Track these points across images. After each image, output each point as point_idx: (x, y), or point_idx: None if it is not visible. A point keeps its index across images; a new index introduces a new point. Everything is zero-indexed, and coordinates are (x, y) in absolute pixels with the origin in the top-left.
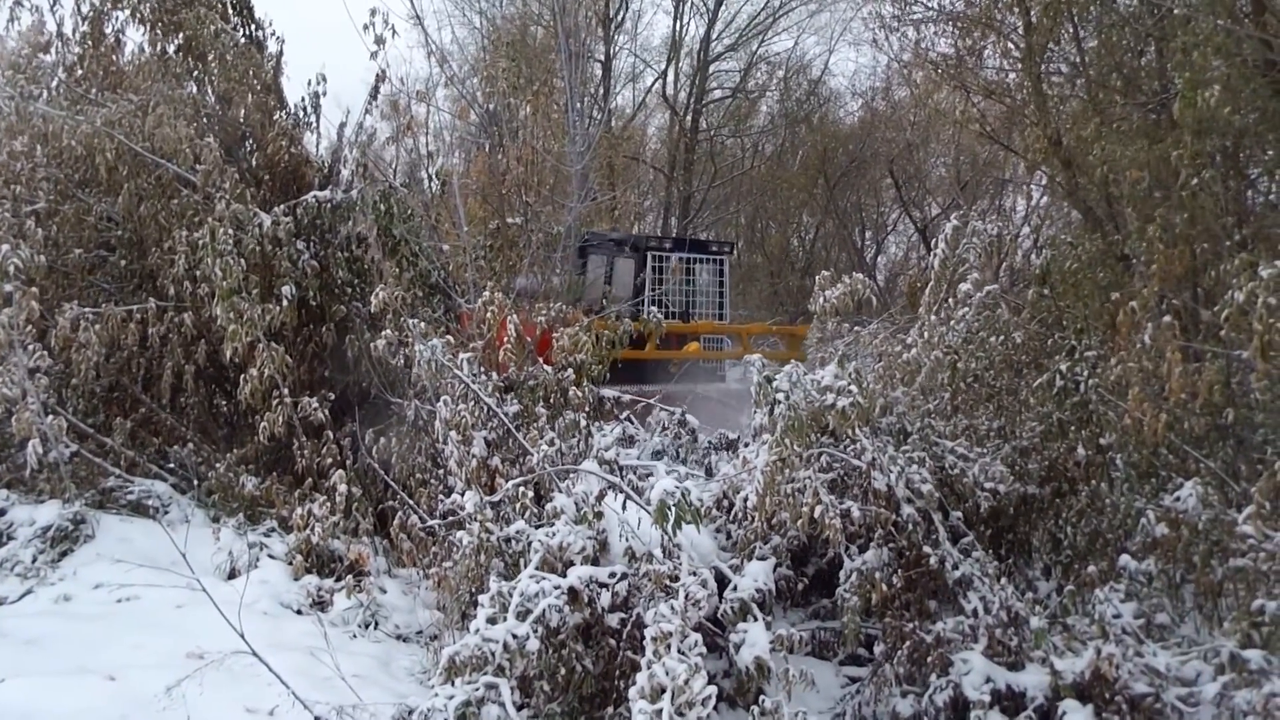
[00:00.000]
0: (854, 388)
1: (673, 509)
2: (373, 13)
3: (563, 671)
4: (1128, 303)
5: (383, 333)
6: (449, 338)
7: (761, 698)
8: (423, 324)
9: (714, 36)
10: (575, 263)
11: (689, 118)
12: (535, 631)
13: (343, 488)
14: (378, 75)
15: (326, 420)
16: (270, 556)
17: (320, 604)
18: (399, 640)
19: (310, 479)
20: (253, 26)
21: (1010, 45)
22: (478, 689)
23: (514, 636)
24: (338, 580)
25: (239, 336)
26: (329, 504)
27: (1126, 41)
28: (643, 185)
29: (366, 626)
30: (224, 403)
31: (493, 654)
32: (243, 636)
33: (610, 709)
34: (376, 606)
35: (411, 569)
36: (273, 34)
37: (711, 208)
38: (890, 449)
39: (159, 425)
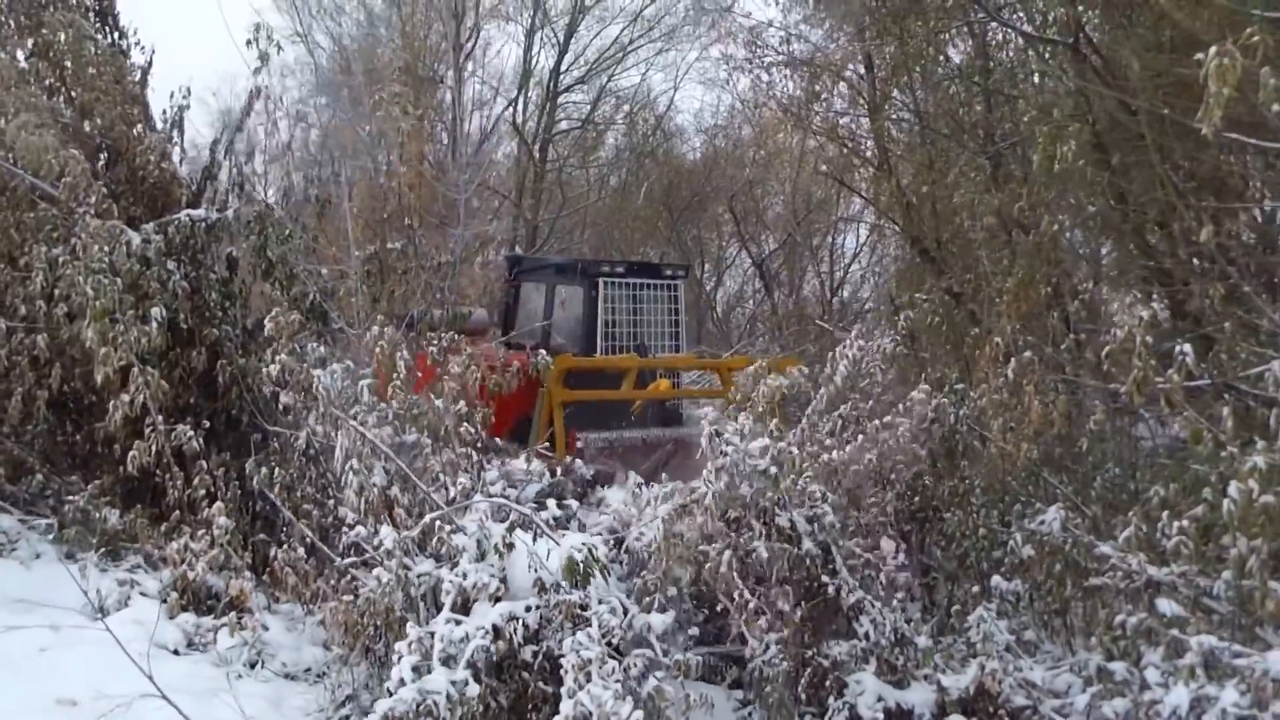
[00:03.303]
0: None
1: (581, 564)
2: (257, 28)
3: (480, 710)
4: (989, 340)
5: (276, 357)
6: (348, 363)
7: None
8: (321, 349)
9: (564, 69)
10: (504, 291)
11: (538, 147)
12: (473, 676)
13: (222, 520)
14: (252, 93)
15: (201, 449)
16: (142, 594)
17: (198, 644)
18: (287, 679)
19: (180, 512)
20: (116, 34)
21: (857, 93)
22: None
23: (452, 684)
24: (217, 618)
25: (110, 360)
26: (208, 537)
27: (959, 95)
28: (489, 213)
29: (252, 666)
30: (77, 433)
31: (436, 705)
32: (151, 679)
33: None
34: (262, 644)
35: (294, 604)
36: (137, 43)
37: (558, 237)
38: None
39: (5, 455)
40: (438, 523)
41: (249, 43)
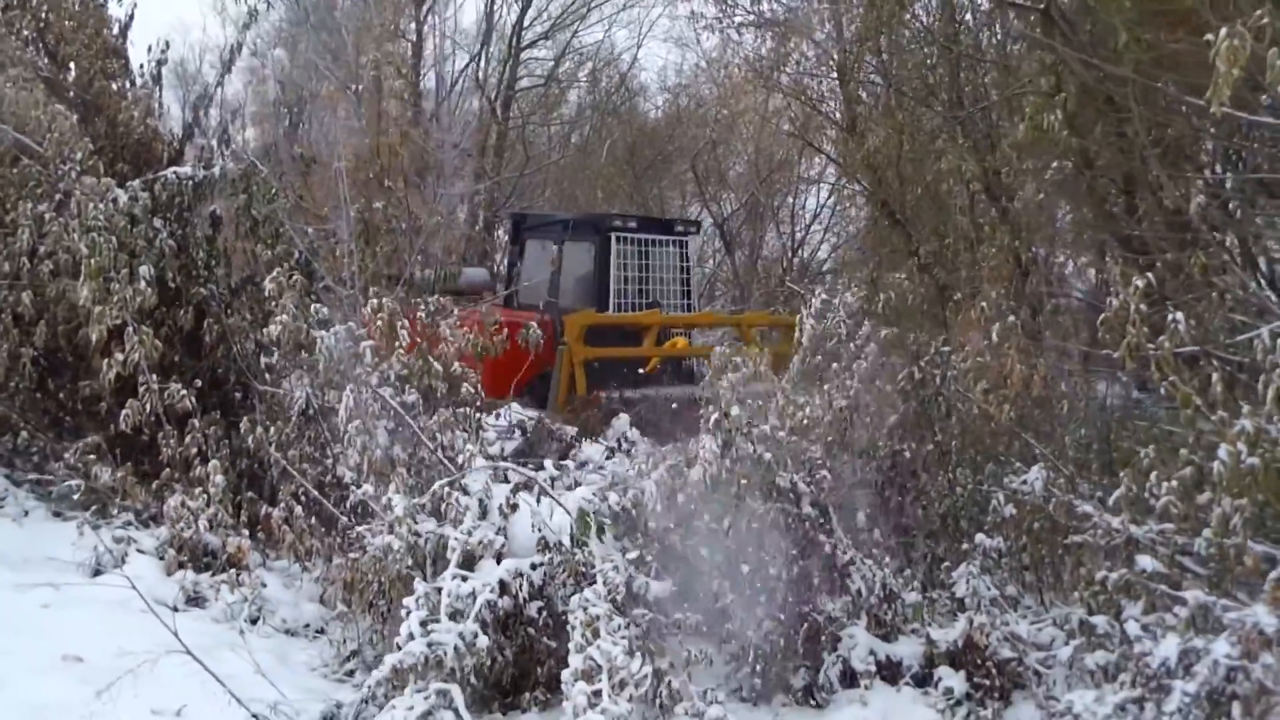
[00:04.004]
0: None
1: (592, 517)
2: None
3: (488, 664)
4: (972, 305)
5: (279, 318)
6: (350, 325)
7: (666, 678)
8: (324, 309)
9: (526, 24)
10: (509, 250)
11: (500, 104)
12: (483, 628)
13: (219, 478)
14: (233, 47)
15: (194, 407)
16: (140, 551)
17: (197, 600)
18: (288, 634)
19: (172, 470)
20: None
21: (828, 55)
22: (429, 696)
23: (460, 637)
24: (215, 575)
25: (106, 318)
26: (204, 495)
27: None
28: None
29: (254, 621)
30: (60, 391)
31: (445, 655)
32: (176, 635)
33: (527, 694)
34: (262, 600)
35: (288, 561)
36: None
37: (520, 196)
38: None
39: None
40: (445, 487)
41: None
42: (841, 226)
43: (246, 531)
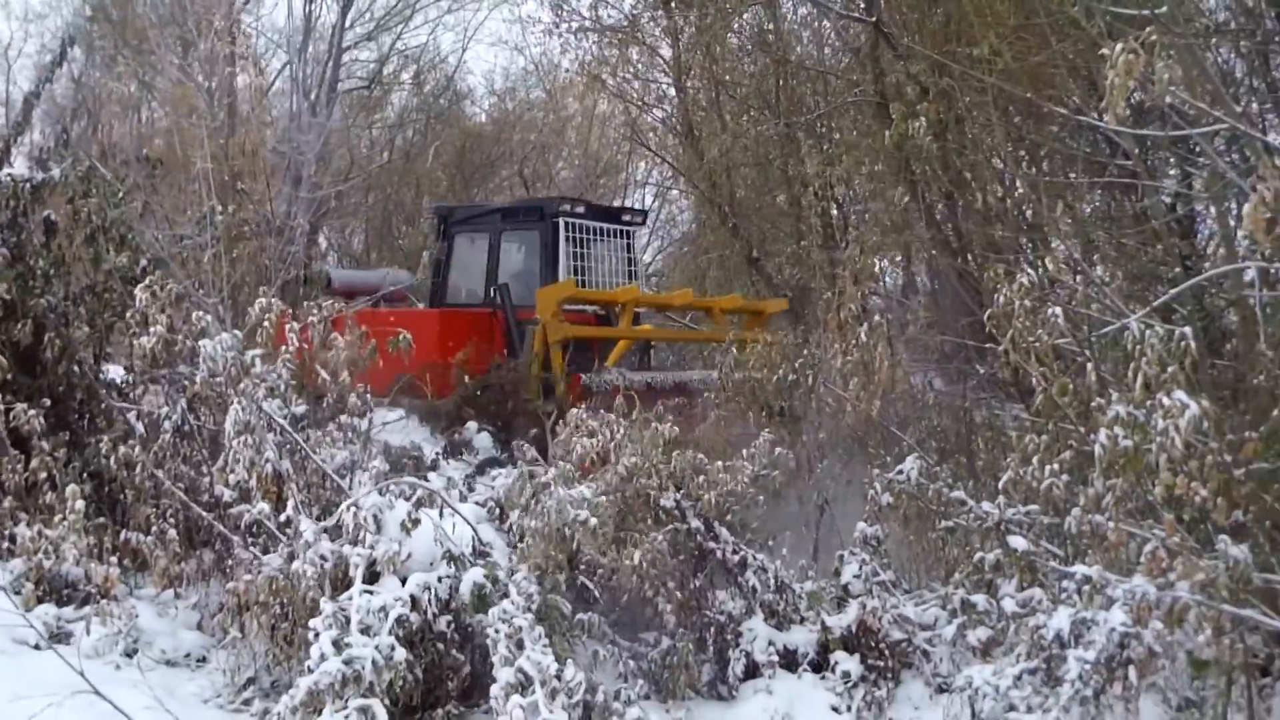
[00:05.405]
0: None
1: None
2: None
3: (399, 683)
4: (842, 304)
5: (153, 329)
6: (237, 333)
7: (599, 685)
8: (209, 317)
9: (348, 24)
10: (436, 247)
11: (323, 106)
12: (398, 640)
13: (79, 504)
14: (64, 40)
15: (41, 429)
16: None
17: (61, 636)
18: (169, 666)
19: (18, 498)
20: None
21: (664, 62)
22: (349, 715)
23: (378, 650)
24: (80, 607)
25: None
26: (64, 523)
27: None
28: (264, 176)
29: (130, 655)
30: None
31: (363, 669)
32: (82, 674)
33: (440, 710)
34: (137, 632)
35: (157, 589)
36: None
37: (344, 201)
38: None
39: None
40: (343, 500)
41: None
42: (667, 230)
43: (114, 559)
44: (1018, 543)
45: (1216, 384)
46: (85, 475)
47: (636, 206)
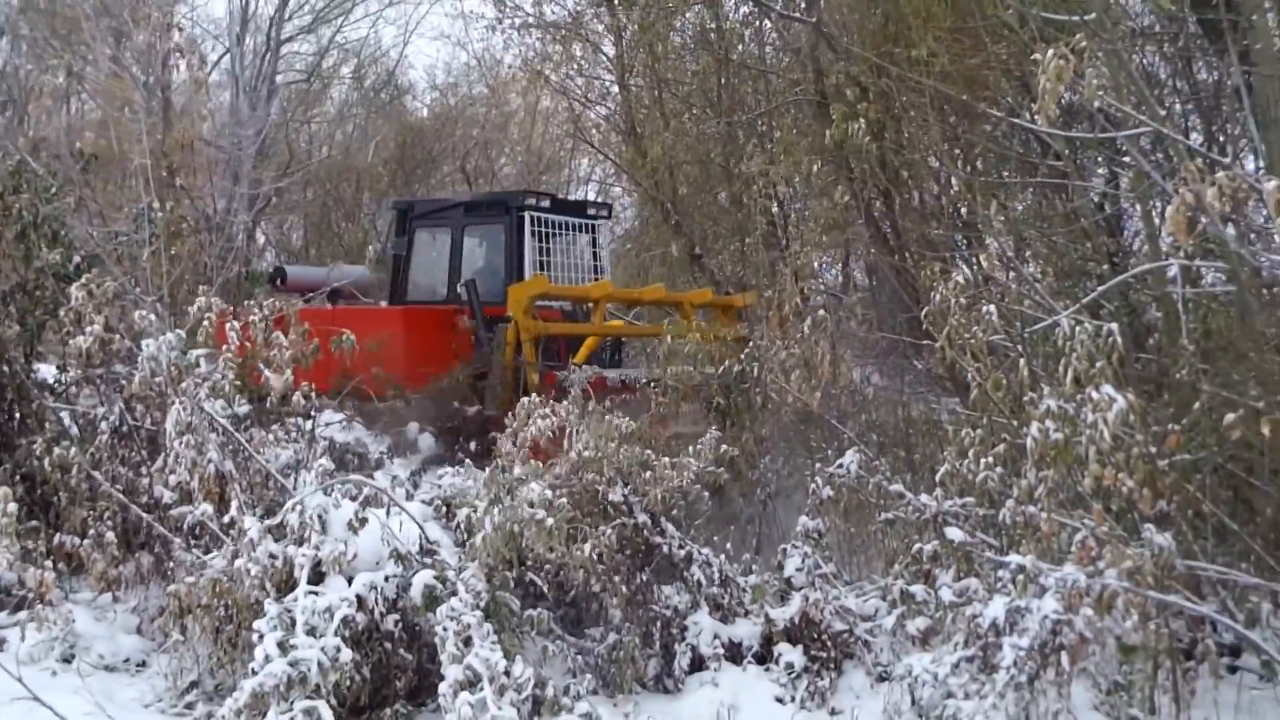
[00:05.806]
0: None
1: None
2: None
3: (345, 683)
4: (786, 300)
5: (89, 329)
6: (178, 332)
7: (548, 680)
8: (152, 316)
9: (287, 17)
10: (395, 243)
11: (261, 99)
12: (344, 640)
13: (11, 506)
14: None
15: None
16: None
17: None
18: (108, 671)
19: None
20: None
21: (606, 59)
22: (295, 717)
23: (324, 651)
24: (13, 613)
25: None
26: None
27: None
28: (203, 171)
29: (67, 660)
30: None
31: (309, 671)
32: (20, 680)
33: (387, 710)
34: (74, 637)
35: (97, 592)
36: None
37: (282, 196)
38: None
39: None
40: (287, 500)
41: None
42: (609, 227)
43: (49, 563)
44: (954, 534)
45: (1141, 378)
46: (17, 477)
47: (602, 201)
